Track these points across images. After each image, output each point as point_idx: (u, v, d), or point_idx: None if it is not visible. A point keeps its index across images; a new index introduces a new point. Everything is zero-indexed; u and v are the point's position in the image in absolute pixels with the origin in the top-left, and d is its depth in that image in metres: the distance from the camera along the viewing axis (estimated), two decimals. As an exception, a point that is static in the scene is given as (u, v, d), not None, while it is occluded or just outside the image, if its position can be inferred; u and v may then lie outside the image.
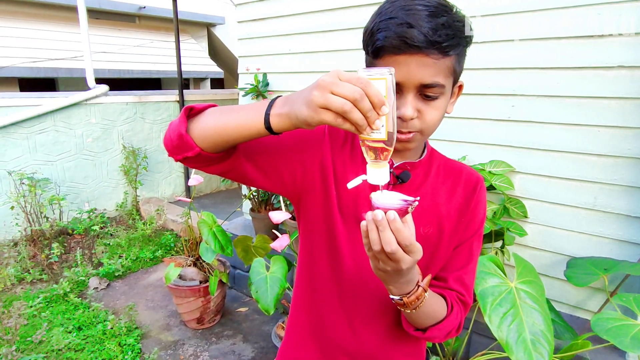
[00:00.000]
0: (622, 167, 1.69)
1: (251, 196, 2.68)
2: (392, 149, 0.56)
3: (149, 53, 6.03)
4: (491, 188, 1.90)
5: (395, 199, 0.56)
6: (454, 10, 0.66)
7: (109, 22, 5.92)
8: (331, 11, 2.41)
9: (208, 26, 7.05)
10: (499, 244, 1.92)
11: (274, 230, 1.86)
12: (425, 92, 0.66)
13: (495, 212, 1.89)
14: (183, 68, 4.41)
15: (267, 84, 2.79)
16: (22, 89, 5.29)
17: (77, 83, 5.47)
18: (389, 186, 0.76)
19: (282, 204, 1.81)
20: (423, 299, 0.66)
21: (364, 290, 0.80)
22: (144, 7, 6.09)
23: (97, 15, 5.76)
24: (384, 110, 0.52)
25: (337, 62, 2.43)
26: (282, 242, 1.70)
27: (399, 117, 0.66)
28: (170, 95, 4.49)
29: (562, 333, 1.56)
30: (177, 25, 4.21)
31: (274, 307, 1.65)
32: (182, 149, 0.66)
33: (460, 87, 0.76)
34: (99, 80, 4.02)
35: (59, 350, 2.23)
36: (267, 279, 1.71)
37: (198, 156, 0.66)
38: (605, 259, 1.68)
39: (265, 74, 2.79)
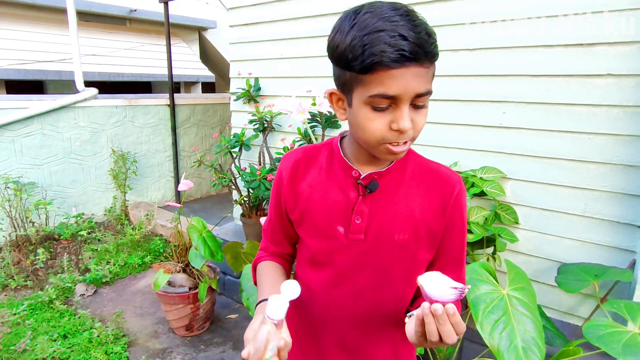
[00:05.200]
0: (611, 174, 1.71)
1: (242, 202, 2.65)
2: None
3: (140, 56, 5.98)
4: (482, 194, 1.91)
5: (446, 287, 0.58)
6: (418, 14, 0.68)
7: (99, 25, 5.86)
8: (323, 17, 2.41)
9: (200, 30, 7.02)
10: (490, 250, 1.92)
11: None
12: (416, 102, 0.67)
13: (486, 218, 1.89)
14: (174, 72, 4.38)
15: (259, 89, 2.78)
16: (9, 92, 5.20)
17: (66, 86, 5.40)
18: (358, 197, 0.80)
19: (274, 210, 1.79)
20: None
21: (346, 297, 0.84)
22: (135, 10, 6.04)
23: (87, 17, 5.70)
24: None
25: (329, 67, 2.42)
26: (273, 248, 1.68)
27: (397, 130, 0.67)
28: (161, 98, 4.45)
29: (553, 339, 1.56)
30: (168, 28, 4.18)
31: (264, 315, 1.62)
32: None
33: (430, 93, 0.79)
34: (88, 84, 3.97)
35: (44, 359, 2.17)
36: (258, 286, 1.69)
37: None
38: (595, 265, 1.68)
39: (257, 79, 2.78)
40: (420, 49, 0.62)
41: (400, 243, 0.79)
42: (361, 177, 0.79)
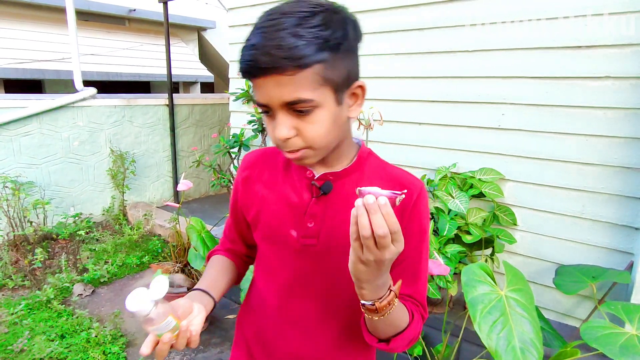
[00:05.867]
0: (609, 176, 1.71)
1: (241, 202, 2.66)
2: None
3: (139, 56, 5.97)
4: (481, 195, 1.91)
5: (387, 191, 0.57)
6: (325, 12, 0.61)
7: (98, 25, 5.85)
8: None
9: (199, 30, 7.02)
10: (488, 251, 1.93)
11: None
12: (295, 108, 0.63)
13: (485, 220, 1.90)
14: (173, 72, 4.37)
15: (258, 89, 2.78)
16: (7, 91, 5.19)
17: (64, 85, 5.40)
18: (311, 199, 0.77)
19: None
20: (393, 305, 0.65)
21: (299, 304, 0.81)
22: (134, 10, 6.04)
23: (86, 17, 5.69)
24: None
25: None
26: (271, 248, 1.68)
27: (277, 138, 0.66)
28: (160, 98, 4.45)
29: (551, 340, 1.56)
30: (167, 28, 4.18)
31: (263, 315, 1.62)
32: None
33: (362, 88, 0.70)
34: (87, 83, 3.96)
35: (41, 359, 2.16)
36: (256, 286, 1.69)
37: None
38: (593, 267, 1.69)
39: (256, 79, 2.78)
40: (271, 57, 0.58)
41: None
42: (315, 177, 0.76)
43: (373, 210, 0.54)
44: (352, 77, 0.67)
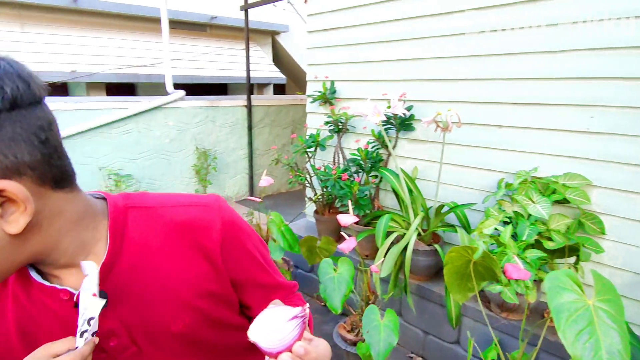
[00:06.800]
0: None
1: (317, 200, 2.79)
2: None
3: (218, 60, 6.40)
4: (564, 201, 1.85)
5: (283, 321, 0.47)
6: None
7: (183, 32, 6.36)
8: (398, 21, 2.45)
9: (272, 34, 7.33)
10: (572, 259, 1.85)
11: (342, 233, 1.94)
12: None
13: (569, 227, 1.83)
14: (250, 74, 4.65)
15: (334, 92, 2.89)
16: (108, 94, 5.84)
17: (153, 88, 5.94)
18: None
19: (350, 207, 1.89)
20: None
21: None
22: (215, 17, 6.47)
23: (172, 25, 6.22)
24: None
25: (402, 70, 2.47)
26: (349, 244, 1.77)
27: None
28: (239, 100, 4.75)
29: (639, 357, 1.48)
30: (247, 34, 4.45)
31: (341, 307, 1.72)
32: None
33: (10, 194, 0.43)
34: (174, 86, 4.36)
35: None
36: (335, 279, 1.79)
37: None
38: (694, 283, 1.57)
39: (332, 82, 2.90)
40: None
41: (183, 332, 0.60)
42: (77, 294, 0.53)
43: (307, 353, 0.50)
44: None
